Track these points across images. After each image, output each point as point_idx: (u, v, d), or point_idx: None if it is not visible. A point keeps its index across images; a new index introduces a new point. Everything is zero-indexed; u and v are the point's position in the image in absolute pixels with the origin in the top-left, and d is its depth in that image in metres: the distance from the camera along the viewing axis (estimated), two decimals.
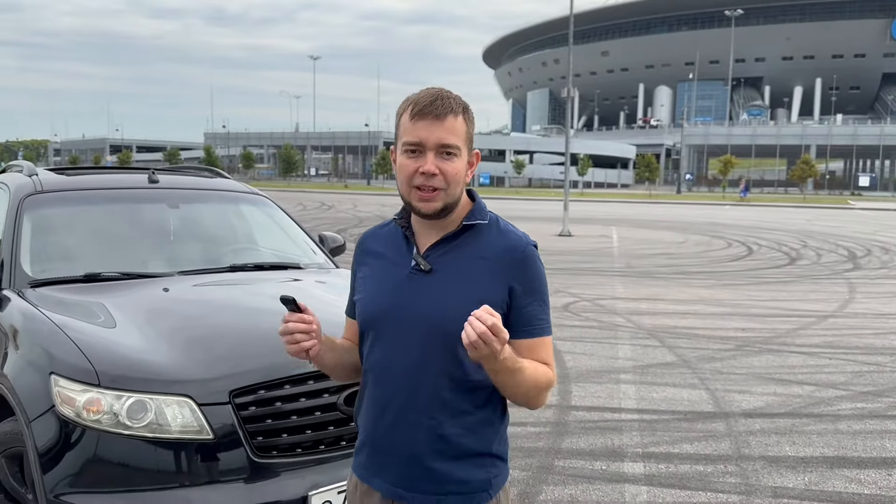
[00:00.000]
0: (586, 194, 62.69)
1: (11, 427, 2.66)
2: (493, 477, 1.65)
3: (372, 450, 1.67)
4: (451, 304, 1.57)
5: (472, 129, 1.65)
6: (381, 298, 1.65)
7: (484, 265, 1.61)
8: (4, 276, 3.31)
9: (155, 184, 4.03)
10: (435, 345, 1.58)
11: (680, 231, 24.03)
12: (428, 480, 1.60)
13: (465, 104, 1.65)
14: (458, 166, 1.60)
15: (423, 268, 1.62)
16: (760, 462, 4.40)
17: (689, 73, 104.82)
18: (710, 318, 9.03)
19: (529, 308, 1.61)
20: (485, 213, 1.67)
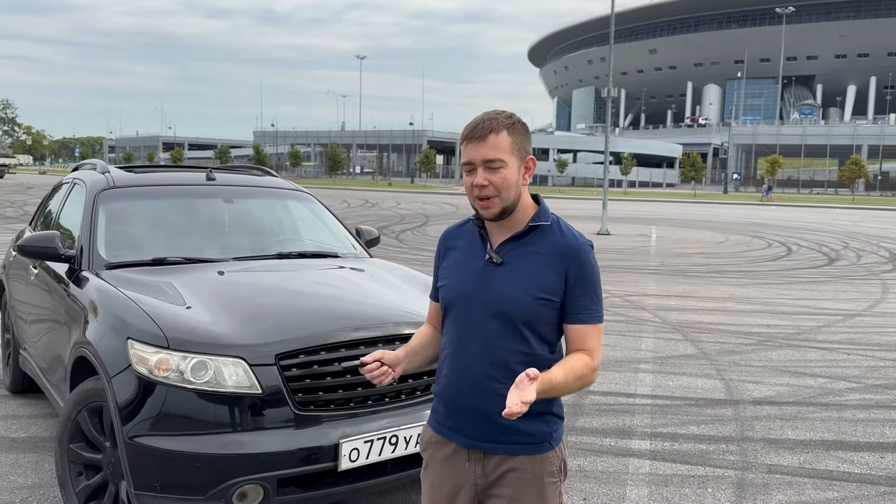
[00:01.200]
0: (630, 193, 62.37)
1: (93, 385, 3.18)
2: (553, 431, 1.96)
3: (450, 409, 1.97)
4: (517, 291, 1.88)
5: (520, 140, 1.90)
6: (460, 285, 1.96)
7: (545, 260, 1.89)
8: (84, 260, 3.86)
9: (212, 181, 4.55)
10: (504, 324, 1.88)
11: (721, 231, 24.00)
12: (501, 433, 1.90)
13: (512, 121, 1.91)
14: (505, 175, 1.87)
15: (495, 261, 1.92)
16: (761, 443, 4.72)
17: (738, 72, 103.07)
18: (737, 315, 9.26)
19: (579, 298, 1.89)
20: (548, 215, 1.96)
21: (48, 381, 4.20)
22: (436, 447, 2.02)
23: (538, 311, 1.89)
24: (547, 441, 1.94)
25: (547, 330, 1.91)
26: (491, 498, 1.95)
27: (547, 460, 1.94)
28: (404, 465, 3.07)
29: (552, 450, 1.95)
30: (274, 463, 2.78)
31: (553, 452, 1.95)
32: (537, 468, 1.93)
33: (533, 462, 1.92)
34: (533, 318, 1.89)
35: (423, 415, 3.09)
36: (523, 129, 1.93)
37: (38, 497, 3.71)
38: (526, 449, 1.92)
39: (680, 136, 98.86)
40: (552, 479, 1.95)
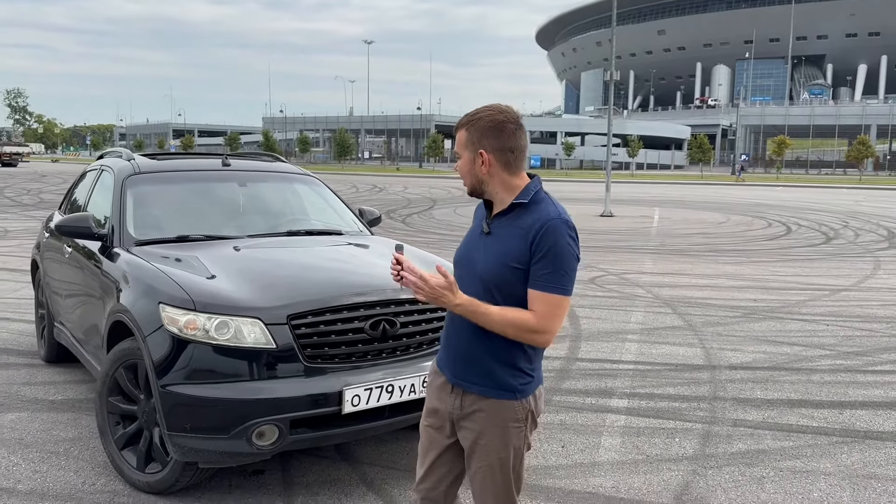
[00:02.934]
0: (637, 176, 62.45)
1: (128, 345, 3.66)
2: (519, 385, 2.25)
3: (445, 349, 2.35)
4: (492, 259, 2.20)
5: (476, 136, 2.22)
6: (462, 249, 2.36)
7: (520, 232, 2.18)
8: (115, 238, 4.34)
9: (227, 167, 5.01)
10: (482, 285, 2.21)
11: (724, 212, 24.30)
12: (476, 375, 2.25)
13: (471, 119, 2.25)
14: (459, 165, 2.29)
15: (485, 231, 2.28)
16: (730, 402, 5.17)
17: (747, 52, 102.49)
18: (728, 291, 9.67)
19: (537, 266, 2.14)
20: (528, 194, 2.23)
21: (84, 349, 4.69)
22: (434, 375, 2.42)
23: (506, 277, 2.17)
24: (512, 391, 2.24)
25: (518, 291, 2.18)
26: (462, 429, 2.31)
27: (511, 407, 2.24)
28: (400, 411, 3.53)
29: (516, 400, 2.24)
30: (287, 406, 3.25)
31: (518, 402, 2.25)
32: (502, 412, 2.24)
33: (500, 406, 2.24)
34: (502, 282, 2.18)
35: (416, 368, 3.57)
36: (482, 126, 2.22)
37: (79, 447, 4.21)
38: (494, 393, 2.24)
39: (688, 117, 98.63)
40: (516, 425, 2.26)
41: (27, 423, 4.57)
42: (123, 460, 3.72)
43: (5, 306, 7.86)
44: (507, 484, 2.31)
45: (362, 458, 4.12)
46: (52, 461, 4.01)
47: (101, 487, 3.70)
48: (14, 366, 5.74)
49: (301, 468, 3.97)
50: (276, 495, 3.65)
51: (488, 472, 2.29)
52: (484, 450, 2.27)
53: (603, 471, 4.00)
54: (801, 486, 3.85)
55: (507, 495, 2.32)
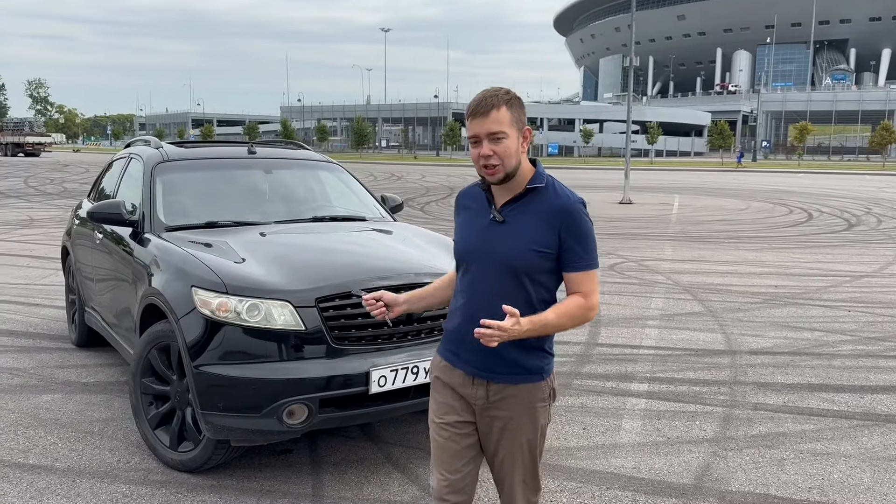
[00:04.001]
0: (656, 163, 62.07)
1: (161, 327, 3.76)
2: (545, 365, 2.28)
3: (460, 342, 2.27)
4: (517, 245, 2.16)
5: (517, 113, 2.16)
6: (469, 241, 2.26)
7: (540, 218, 2.16)
8: (146, 224, 4.44)
9: (253, 154, 5.10)
10: (507, 274, 2.17)
11: (745, 198, 24.16)
12: (502, 365, 2.23)
13: (510, 97, 2.16)
14: (507, 145, 2.13)
15: (498, 220, 2.21)
16: (751, 386, 5.21)
17: (769, 37, 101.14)
18: (748, 277, 9.66)
19: (572, 249, 2.16)
20: (543, 177, 2.22)
21: (115, 332, 4.81)
22: (443, 371, 2.36)
23: (535, 262, 2.17)
24: (540, 373, 2.27)
25: (545, 278, 2.20)
26: (490, 417, 2.29)
27: (539, 388, 2.28)
28: (424, 391, 3.59)
29: (543, 380, 2.28)
30: (316, 386, 3.34)
31: (544, 382, 2.29)
32: (532, 395, 2.27)
33: (529, 389, 2.26)
34: (531, 268, 2.17)
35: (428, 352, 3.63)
36: (520, 104, 2.19)
37: (113, 427, 4.33)
38: (524, 378, 2.25)
39: (709, 103, 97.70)
40: (542, 404, 2.30)
41: (62, 404, 4.70)
42: (157, 439, 3.84)
43: (35, 292, 8.03)
44: (534, 462, 2.35)
45: (387, 439, 4.21)
46: (88, 440, 4.14)
47: (135, 465, 3.82)
48: (46, 349, 5.89)
49: (328, 448, 4.07)
50: (305, 474, 3.75)
51: (518, 454, 2.31)
52: (513, 434, 2.29)
53: (624, 452, 4.06)
54: (821, 468, 3.89)
55: (533, 473, 2.37)
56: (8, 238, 12.57)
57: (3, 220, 15.43)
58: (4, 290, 8.10)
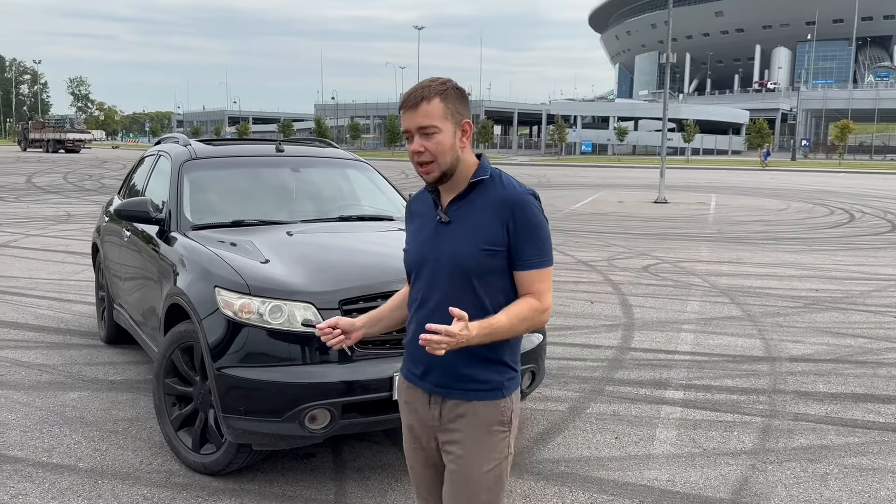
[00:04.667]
0: (693, 161, 61.17)
1: (185, 328, 3.71)
2: (505, 380, 2.04)
3: (416, 358, 2.07)
4: (464, 246, 1.97)
5: (453, 105, 1.96)
6: (418, 247, 2.08)
7: (487, 213, 1.97)
8: (172, 222, 4.40)
9: (281, 153, 5.03)
10: (457, 278, 1.98)
11: (784, 198, 23.65)
12: (458, 380, 2.01)
13: (444, 88, 1.96)
14: (439, 140, 1.94)
15: (444, 220, 2.02)
16: (791, 395, 5.00)
17: (809, 33, 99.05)
18: (788, 280, 9.38)
19: (522, 245, 1.96)
20: (487, 170, 2.01)
21: (142, 330, 4.79)
22: (406, 392, 2.14)
23: (484, 262, 1.96)
24: (500, 389, 2.02)
25: (497, 280, 1.99)
26: (445, 441, 2.05)
27: (497, 408, 2.02)
28: None
29: (504, 398, 2.03)
30: (339, 391, 3.25)
31: (505, 401, 2.03)
32: (489, 414, 2.01)
33: (486, 408, 2.01)
34: (481, 269, 1.97)
35: None
36: (457, 95, 1.99)
37: (137, 427, 4.30)
38: (479, 395, 2.01)
39: (747, 101, 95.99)
40: (501, 429, 2.03)
41: (88, 402, 4.69)
42: (179, 441, 3.78)
43: (69, 287, 8.10)
44: (491, 498, 2.04)
45: None
46: (112, 440, 4.11)
47: (157, 467, 3.78)
48: (76, 346, 5.91)
49: (352, 452, 3.99)
50: (328, 479, 3.67)
51: (471, 486, 2.02)
52: (464, 461, 2.02)
53: (658, 464, 3.90)
54: (868, 485, 3.70)
55: None
56: (46, 233, 12.75)
57: (41, 215, 15.68)
58: (39, 286, 8.18)
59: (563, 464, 3.88)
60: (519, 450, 4.05)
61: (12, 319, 6.67)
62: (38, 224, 13.99)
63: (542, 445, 4.12)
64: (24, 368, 5.30)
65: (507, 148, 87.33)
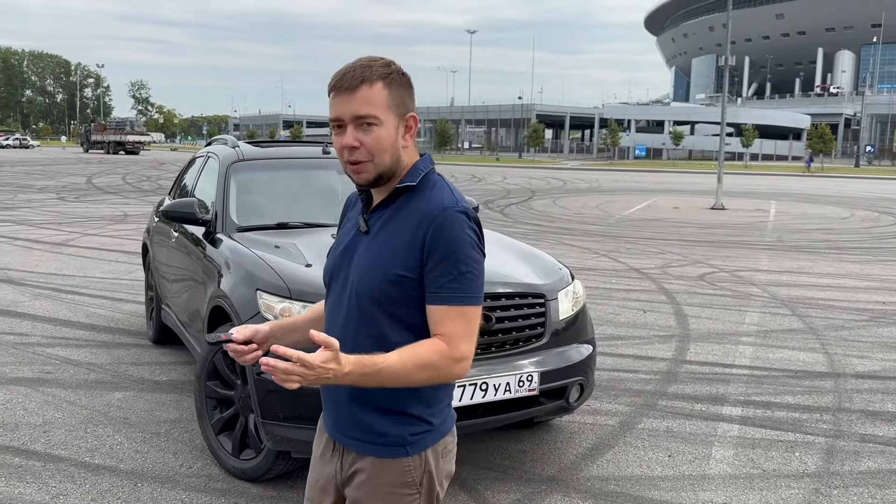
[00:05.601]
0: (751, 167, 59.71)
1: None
2: (410, 434, 1.62)
3: (324, 396, 1.74)
4: (370, 266, 1.60)
5: (399, 94, 1.60)
6: (333, 257, 1.72)
7: (406, 229, 1.59)
8: (218, 224, 4.37)
9: (327, 154, 4.97)
10: (358, 304, 1.60)
11: (847, 206, 22.80)
12: (353, 427, 1.64)
13: (390, 71, 1.59)
14: (379, 135, 1.56)
15: (362, 229, 1.66)
16: (857, 414, 4.72)
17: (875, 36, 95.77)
18: (852, 292, 8.97)
19: (435, 273, 1.55)
20: (416, 175, 1.63)
21: (187, 332, 4.78)
22: (318, 434, 1.82)
23: (390, 292, 1.57)
24: (401, 445, 1.62)
25: (407, 312, 1.59)
26: (346, 498, 1.71)
27: (400, 467, 1.62)
28: (492, 410, 3.37)
29: (408, 456, 1.62)
30: None
31: (409, 460, 1.62)
32: (387, 475, 1.63)
33: (384, 466, 1.63)
34: (386, 299, 1.58)
35: (511, 366, 3.40)
36: (404, 82, 1.62)
37: (179, 429, 4.28)
38: (374, 449, 1.63)
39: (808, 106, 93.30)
40: (407, 491, 1.63)
41: (132, 402, 4.70)
42: (219, 445, 3.74)
43: (120, 287, 8.22)
44: None
45: None
46: (153, 442, 4.09)
47: (196, 471, 3.73)
48: (124, 345, 5.96)
49: None
50: None
51: None
52: None
53: (714, 485, 3.70)
54: None
55: None
56: (102, 233, 13.05)
57: (99, 215, 16.08)
58: (93, 284, 8.33)
59: (613, 482, 3.70)
60: (566, 465, 3.89)
61: (65, 317, 6.78)
62: (95, 224, 14.33)
63: (591, 462, 3.94)
64: (73, 367, 5.36)
65: (558, 152, 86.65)
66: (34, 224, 14.04)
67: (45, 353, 5.64)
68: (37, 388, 4.88)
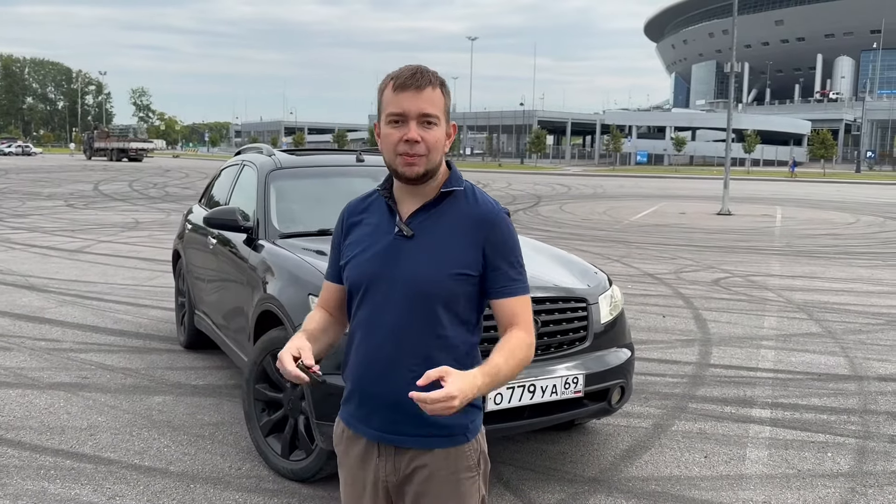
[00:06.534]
0: (753, 173, 59.86)
1: (277, 334, 3.75)
2: (470, 422, 1.75)
3: (360, 400, 1.78)
4: (430, 267, 1.68)
5: (449, 103, 1.74)
6: (368, 262, 1.74)
7: (460, 231, 1.70)
8: (261, 231, 4.47)
9: (361, 162, 5.08)
10: (416, 304, 1.68)
11: (852, 212, 22.92)
12: (413, 425, 1.69)
13: (443, 79, 1.73)
14: (437, 135, 1.69)
15: (405, 233, 1.71)
16: (884, 416, 4.81)
17: (874, 42, 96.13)
18: (866, 296, 9.05)
19: (501, 271, 1.71)
20: (460, 180, 1.77)
21: (226, 336, 4.87)
22: (347, 443, 1.85)
23: (454, 289, 1.69)
24: (463, 433, 1.74)
25: (464, 308, 1.72)
26: (404, 497, 1.78)
27: (463, 454, 1.75)
28: (538, 411, 3.46)
29: (468, 442, 1.75)
30: None
31: (469, 445, 1.76)
32: (452, 463, 1.74)
33: (448, 456, 1.73)
34: (450, 296, 1.70)
35: (556, 369, 3.49)
36: (449, 93, 1.77)
37: (223, 432, 4.36)
38: (441, 441, 1.72)
39: (808, 111, 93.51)
40: (469, 475, 1.76)
41: (173, 406, 4.78)
42: (268, 446, 3.82)
43: (143, 293, 8.31)
44: None
45: (496, 458, 4.06)
46: (199, 444, 4.17)
47: (246, 472, 3.82)
48: (156, 351, 6.05)
49: None
50: None
51: None
52: None
53: (752, 484, 3.78)
54: None
55: None
56: (116, 240, 13.14)
57: (110, 222, 16.17)
58: (115, 291, 8.42)
59: (654, 482, 3.79)
60: (605, 466, 3.98)
61: (93, 323, 6.87)
62: (108, 231, 14.43)
63: (629, 463, 4.03)
64: (109, 371, 5.45)
65: (559, 158, 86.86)
66: (47, 231, 14.14)
67: (80, 359, 5.73)
68: (76, 393, 4.97)
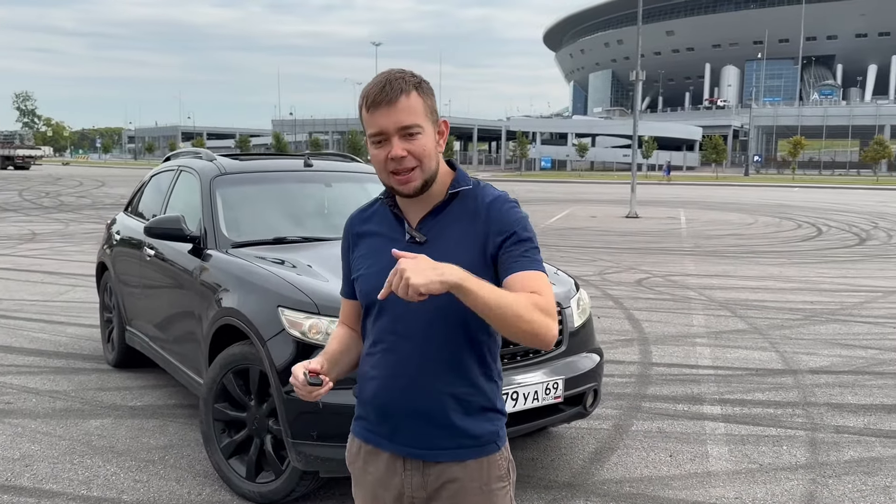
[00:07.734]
0: (651, 177, 62.28)
1: (240, 349, 3.54)
2: (499, 430, 1.71)
3: (381, 414, 1.70)
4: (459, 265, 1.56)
5: (430, 101, 1.65)
6: (381, 273, 1.57)
7: (470, 227, 1.65)
8: (209, 240, 4.22)
9: (310, 167, 4.89)
10: (439, 312, 1.61)
11: (749, 213, 24.15)
12: (443, 437, 1.65)
13: (418, 80, 1.64)
14: (423, 142, 1.61)
15: (418, 240, 1.66)
16: (825, 408, 5.02)
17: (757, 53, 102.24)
18: (780, 293, 9.51)
19: (512, 248, 1.61)
20: (468, 178, 1.71)
21: (168, 353, 4.57)
22: (366, 459, 1.76)
23: None
24: (494, 441, 1.70)
25: None
26: None
27: (495, 463, 1.70)
28: (519, 419, 3.41)
29: (499, 450, 1.71)
30: None
31: (500, 453, 1.71)
32: (485, 474, 1.69)
33: (480, 466, 1.68)
34: None
35: (539, 374, 3.44)
36: (430, 89, 1.68)
37: (174, 455, 4.08)
38: (472, 452, 1.67)
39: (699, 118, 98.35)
40: (501, 484, 1.71)
41: (113, 429, 4.45)
42: (231, 469, 3.60)
43: (56, 309, 7.76)
44: None
45: None
46: (150, 470, 3.89)
47: (207, 497, 3.58)
48: (82, 370, 5.64)
49: None
50: None
51: None
52: None
53: (720, 481, 3.85)
54: None
55: None
56: (14, 252, 12.27)
57: (4, 233, 15.10)
58: (24, 308, 7.83)
59: (627, 484, 3.81)
60: (577, 470, 3.97)
61: (6, 343, 6.35)
62: (3, 243, 13.46)
63: (599, 466, 4.04)
64: (34, 395, 5.03)
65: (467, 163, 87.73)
66: None
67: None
68: (1, 420, 4.55)
